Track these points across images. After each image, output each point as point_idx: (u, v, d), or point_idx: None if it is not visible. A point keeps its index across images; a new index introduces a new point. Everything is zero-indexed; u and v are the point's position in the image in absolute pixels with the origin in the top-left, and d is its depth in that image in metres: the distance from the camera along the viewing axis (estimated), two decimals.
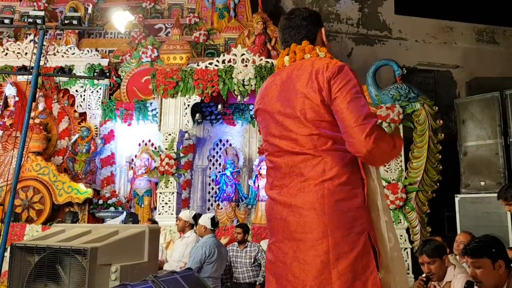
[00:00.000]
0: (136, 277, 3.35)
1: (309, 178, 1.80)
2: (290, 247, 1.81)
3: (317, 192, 1.77)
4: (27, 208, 7.68)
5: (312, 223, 1.76)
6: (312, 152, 1.82)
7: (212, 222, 4.82)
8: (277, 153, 1.93)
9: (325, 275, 1.70)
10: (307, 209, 1.78)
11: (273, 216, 1.92)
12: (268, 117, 1.99)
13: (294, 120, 1.87)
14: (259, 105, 2.09)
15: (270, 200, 1.97)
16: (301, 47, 2.00)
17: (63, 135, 8.75)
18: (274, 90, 2.00)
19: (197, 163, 8.53)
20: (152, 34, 9.71)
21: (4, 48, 9.10)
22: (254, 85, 7.11)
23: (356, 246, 1.72)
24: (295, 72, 1.93)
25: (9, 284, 3.44)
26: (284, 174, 1.89)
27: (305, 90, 1.85)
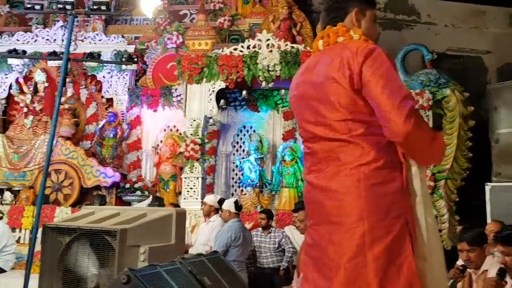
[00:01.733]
0: (164, 259, 3.41)
1: (345, 162, 1.80)
2: (326, 230, 1.82)
3: (353, 176, 1.77)
4: (57, 191, 7.88)
5: (347, 207, 1.76)
6: (347, 137, 1.81)
7: (236, 206, 4.86)
8: (313, 139, 1.93)
9: (360, 258, 1.70)
10: (342, 193, 1.78)
11: (310, 200, 1.94)
12: (303, 104, 1.98)
13: (327, 106, 1.85)
14: (293, 91, 2.08)
15: (307, 184, 1.98)
16: (335, 29, 1.96)
17: (91, 120, 8.92)
18: (307, 76, 1.99)
19: (221, 149, 8.58)
20: (177, 20, 9.73)
21: (34, 34, 9.26)
22: (279, 70, 7.07)
23: (392, 231, 1.71)
24: (327, 57, 1.91)
25: (42, 264, 3.54)
26: (320, 159, 1.89)
27: (336, 75, 1.82)
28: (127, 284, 2.61)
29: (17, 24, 10.73)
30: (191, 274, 3.23)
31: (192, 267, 3.31)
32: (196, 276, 3.24)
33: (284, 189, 7.43)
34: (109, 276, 3.33)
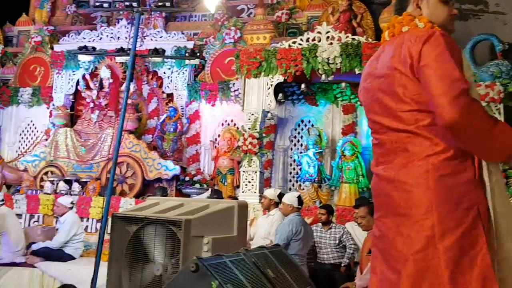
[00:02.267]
0: (226, 250, 3.42)
1: (413, 153, 1.76)
2: (394, 222, 1.79)
3: (422, 167, 1.72)
4: (121, 183, 8.17)
5: (416, 198, 1.72)
6: (414, 128, 1.76)
7: (299, 201, 4.83)
8: (381, 131, 1.91)
9: (430, 249, 1.66)
10: (411, 184, 1.74)
11: (378, 192, 1.91)
12: (370, 95, 1.96)
13: (393, 97, 1.81)
14: (362, 83, 2.05)
15: (375, 176, 1.96)
16: (400, 19, 1.93)
17: (152, 115, 9.18)
18: (373, 68, 1.97)
19: (279, 143, 8.56)
20: (234, 15, 9.81)
21: (99, 32, 9.64)
22: (340, 63, 6.93)
23: (463, 222, 1.65)
24: (391, 47, 1.87)
25: (110, 252, 3.66)
26: (388, 150, 1.86)
27: (400, 66, 1.78)
28: (195, 272, 2.65)
29: (82, 23, 11.24)
30: (255, 265, 3.23)
31: (256, 259, 3.31)
32: (260, 268, 3.24)
33: (344, 184, 7.29)
34: (174, 265, 3.39)
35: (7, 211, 6.52)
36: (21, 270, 5.91)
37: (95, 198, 7.55)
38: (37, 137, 9.86)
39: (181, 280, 2.76)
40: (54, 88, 9.72)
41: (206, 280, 2.65)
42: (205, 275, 2.65)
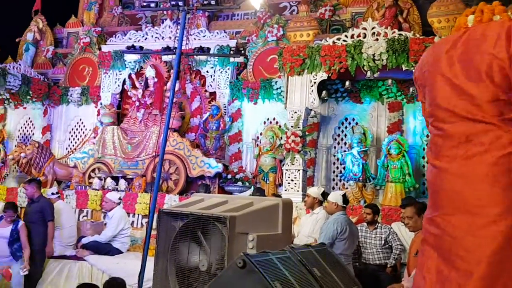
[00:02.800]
0: (271, 248, 3.39)
1: (491, 149, 1.63)
2: (463, 221, 1.67)
3: (502, 165, 1.61)
4: (166, 180, 8.32)
5: (492, 197, 1.61)
6: (496, 120, 1.64)
7: (344, 199, 4.74)
8: (449, 119, 1.77)
9: (506, 252, 1.56)
10: (488, 182, 1.62)
11: (440, 188, 1.78)
12: (441, 80, 1.82)
13: (478, 83, 1.69)
14: (427, 67, 1.91)
15: (436, 170, 1.81)
16: (491, 6, 1.83)
17: (195, 113, 9.29)
18: (453, 52, 1.82)
19: (322, 141, 8.46)
20: (277, 13, 9.78)
21: (144, 33, 9.85)
22: (386, 59, 6.76)
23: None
24: (478, 33, 1.75)
25: (157, 246, 3.72)
26: (457, 142, 1.73)
27: (494, 51, 1.66)
28: (243, 269, 2.63)
29: (128, 23, 11.54)
30: (301, 263, 3.19)
31: (302, 257, 3.27)
32: (306, 266, 3.20)
33: (389, 184, 7.12)
34: (219, 261, 3.40)
35: (63, 205, 6.78)
36: (72, 263, 6.13)
37: (141, 194, 7.71)
38: (85, 135, 10.19)
39: (228, 276, 2.76)
40: (102, 88, 10.01)
41: (253, 277, 2.64)
42: (252, 272, 2.63)
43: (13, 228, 5.80)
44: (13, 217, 5.84)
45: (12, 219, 5.83)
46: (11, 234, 5.76)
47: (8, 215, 5.81)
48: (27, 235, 5.82)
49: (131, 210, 7.57)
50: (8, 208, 5.84)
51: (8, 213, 5.81)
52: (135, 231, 7.21)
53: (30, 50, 11.24)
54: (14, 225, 5.85)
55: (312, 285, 3.02)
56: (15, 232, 5.79)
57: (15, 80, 9.77)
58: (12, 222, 5.83)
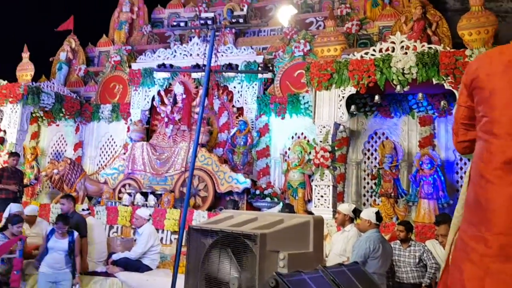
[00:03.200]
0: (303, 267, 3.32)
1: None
2: None
3: None
4: (194, 195, 8.34)
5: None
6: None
7: (377, 216, 4.63)
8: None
9: None
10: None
11: (495, 204, 1.66)
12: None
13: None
14: (492, 71, 1.80)
15: (490, 184, 1.69)
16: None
17: (223, 128, 9.33)
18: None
19: (351, 156, 8.35)
20: (303, 28, 9.80)
21: (172, 50, 10.00)
22: (416, 73, 6.66)
23: None
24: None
25: (187, 263, 3.70)
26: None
27: None
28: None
29: (157, 42, 11.76)
30: (334, 283, 3.11)
31: (334, 277, 3.19)
32: (340, 286, 3.12)
33: (422, 200, 6.95)
34: (249, 280, 3.35)
35: (94, 221, 6.87)
36: (103, 279, 6.17)
37: (170, 210, 7.74)
38: (116, 151, 10.35)
39: None
40: (132, 104, 10.19)
41: None
42: None
43: (70, 240, 5.79)
44: (64, 229, 5.80)
45: (63, 231, 5.78)
46: (69, 246, 5.76)
47: (59, 227, 5.77)
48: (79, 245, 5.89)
49: (160, 226, 7.60)
50: (59, 221, 5.81)
51: (59, 225, 5.77)
52: (164, 248, 7.22)
53: (63, 69, 11.57)
54: (70, 236, 5.83)
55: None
56: (73, 243, 5.79)
57: (49, 98, 10.05)
58: (66, 234, 5.81)
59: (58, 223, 5.79)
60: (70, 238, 5.80)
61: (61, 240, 5.77)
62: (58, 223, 5.80)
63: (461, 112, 1.97)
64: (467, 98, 1.93)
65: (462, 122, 1.98)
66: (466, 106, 1.93)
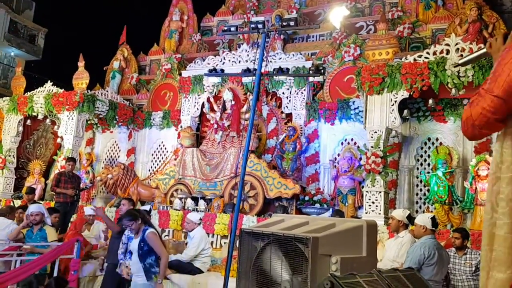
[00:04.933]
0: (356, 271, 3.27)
1: None
2: None
3: None
4: (243, 201, 8.38)
5: None
6: None
7: (433, 222, 4.48)
8: None
9: None
10: None
11: None
12: None
13: None
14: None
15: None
16: None
17: (272, 134, 9.35)
18: None
19: (403, 162, 8.12)
20: (353, 33, 9.68)
21: (222, 57, 10.15)
22: (472, 76, 6.42)
23: None
24: None
25: (239, 266, 3.71)
26: None
27: None
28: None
29: (206, 49, 11.99)
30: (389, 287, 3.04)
31: (390, 281, 3.12)
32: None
33: (479, 207, 6.65)
34: (301, 283, 3.33)
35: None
36: None
37: (220, 215, 7.82)
38: (167, 157, 10.60)
39: None
40: (182, 111, 10.42)
41: None
42: None
43: (140, 238, 4.75)
44: (133, 225, 4.80)
45: (133, 227, 4.80)
46: (138, 246, 4.72)
47: (126, 225, 4.88)
48: (159, 243, 4.80)
49: (210, 231, 7.68)
50: (123, 218, 4.99)
51: (125, 222, 4.88)
52: (214, 252, 7.28)
53: (116, 77, 12.01)
54: (142, 233, 4.77)
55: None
56: (143, 242, 4.71)
57: (103, 106, 10.44)
58: (137, 231, 4.82)
59: (123, 220, 4.92)
60: (141, 236, 4.77)
61: (136, 240, 4.82)
62: (123, 220, 4.93)
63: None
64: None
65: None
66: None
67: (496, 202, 1.75)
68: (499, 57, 1.77)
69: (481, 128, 1.82)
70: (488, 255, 1.76)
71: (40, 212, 6.13)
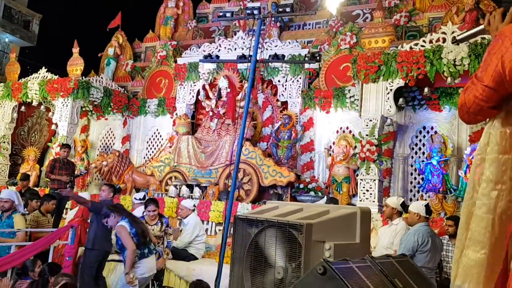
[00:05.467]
0: (349, 257, 3.29)
1: None
2: None
3: None
4: (238, 188, 8.39)
5: None
6: None
7: (427, 210, 4.50)
8: None
9: None
10: None
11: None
12: None
13: None
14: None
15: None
16: None
17: (267, 123, 9.33)
18: None
19: (398, 151, 8.15)
20: (349, 21, 9.63)
21: (217, 45, 10.08)
22: (468, 64, 6.41)
23: None
24: None
25: (233, 253, 3.72)
26: None
27: None
28: (323, 275, 2.57)
29: (202, 36, 11.89)
30: (382, 273, 3.06)
31: (383, 267, 3.13)
32: (388, 276, 3.06)
33: None
34: (295, 269, 3.34)
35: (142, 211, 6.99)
36: None
37: (215, 202, 7.84)
38: (162, 144, 10.57)
39: (307, 283, 2.70)
40: (177, 99, 10.37)
41: (334, 284, 2.56)
42: (332, 278, 2.56)
43: (115, 232, 5.02)
44: (107, 221, 5.01)
45: (110, 224, 5.00)
46: (116, 240, 4.93)
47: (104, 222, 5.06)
48: (124, 235, 4.85)
49: (205, 218, 7.70)
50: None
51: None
52: (209, 238, 7.31)
53: (111, 64, 11.91)
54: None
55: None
56: (116, 236, 4.93)
57: (98, 93, 10.38)
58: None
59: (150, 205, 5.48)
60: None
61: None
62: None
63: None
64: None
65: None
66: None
67: (478, 183, 1.76)
68: (490, 45, 1.77)
69: (475, 115, 1.83)
70: (464, 234, 1.77)
71: (10, 199, 5.78)
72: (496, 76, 1.69)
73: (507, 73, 1.65)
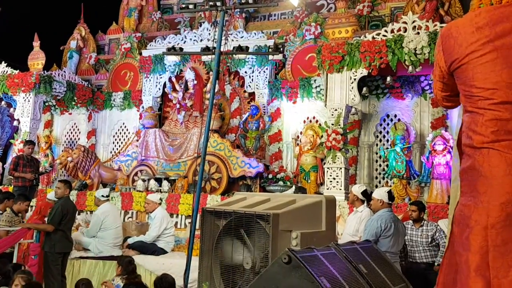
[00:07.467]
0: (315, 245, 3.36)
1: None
2: None
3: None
4: (207, 180, 8.40)
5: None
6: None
7: (389, 196, 4.64)
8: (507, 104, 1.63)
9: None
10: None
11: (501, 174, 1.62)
12: (507, 62, 1.66)
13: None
14: (488, 47, 1.70)
15: (495, 154, 1.65)
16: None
17: (235, 114, 9.34)
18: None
19: (363, 139, 8.33)
20: (314, 11, 9.70)
21: (183, 36, 9.99)
22: (428, 53, 6.58)
23: None
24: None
25: (201, 245, 3.75)
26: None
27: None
28: (288, 264, 2.62)
29: (167, 28, 11.74)
30: (347, 260, 3.15)
31: (347, 254, 3.22)
32: (352, 262, 3.15)
33: (435, 180, 6.92)
34: (263, 259, 3.40)
35: (110, 207, 6.92)
36: None
37: (184, 195, 7.82)
38: (129, 138, 10.44)
39: (273, 272, 2.75)
40: (143, 92, 10.24)
41: (299, 272, 2.62)
42: (297, 267, 2.61)
43: None
44: None
45: None
46: None
47: None
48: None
49: (174, 211, 7.68)
50: None
51: None
52: (179, 232, 7.31)
53: (74, 57, 11.63)
54: None
55: (358, 282, 2.97)
56: None
57: (61, 87, 10.13)
58: None
59: None
60: None
61: None
62: None
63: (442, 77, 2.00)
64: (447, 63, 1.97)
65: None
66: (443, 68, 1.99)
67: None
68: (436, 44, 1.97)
69: (443, 102, 2.03)
70: (454, 204, 1.87)
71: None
72: (439, 73, 1.91)
73: (443, 71, 1.87)
